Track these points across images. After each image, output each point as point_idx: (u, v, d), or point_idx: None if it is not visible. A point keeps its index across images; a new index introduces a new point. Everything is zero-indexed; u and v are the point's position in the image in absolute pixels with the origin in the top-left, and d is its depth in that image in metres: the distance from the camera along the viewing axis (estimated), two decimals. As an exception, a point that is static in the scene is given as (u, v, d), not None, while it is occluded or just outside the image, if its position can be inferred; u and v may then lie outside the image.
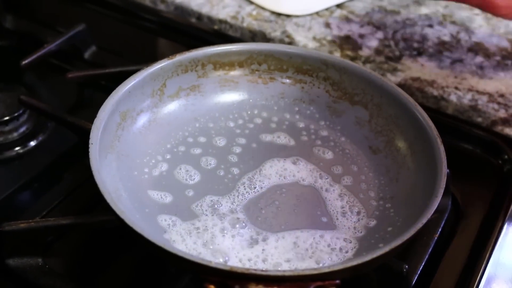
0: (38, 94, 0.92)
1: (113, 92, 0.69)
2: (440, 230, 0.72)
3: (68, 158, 0.80)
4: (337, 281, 0.54)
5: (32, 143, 0.82)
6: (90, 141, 0.63)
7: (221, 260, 0.61)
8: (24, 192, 0.76)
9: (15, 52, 0.94)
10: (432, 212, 0.59)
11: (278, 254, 0.63)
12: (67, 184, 0.76)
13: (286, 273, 0.52)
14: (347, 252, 0.64)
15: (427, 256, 0.69)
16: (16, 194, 0.75)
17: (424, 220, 0.58)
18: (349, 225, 0.67)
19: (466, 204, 0.77)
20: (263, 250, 0.63)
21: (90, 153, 0.62)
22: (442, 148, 0.66)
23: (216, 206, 0.67)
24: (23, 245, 0.65)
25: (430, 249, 0.70)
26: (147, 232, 0.55)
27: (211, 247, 0.63)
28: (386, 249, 0.55)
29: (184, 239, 0.63)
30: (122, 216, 0.56)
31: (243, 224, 0.66)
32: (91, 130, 0.64)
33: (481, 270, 0.68)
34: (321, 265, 0.62)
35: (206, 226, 0.65)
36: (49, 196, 0.74)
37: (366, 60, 0.95)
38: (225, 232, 0.65)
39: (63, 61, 0.95)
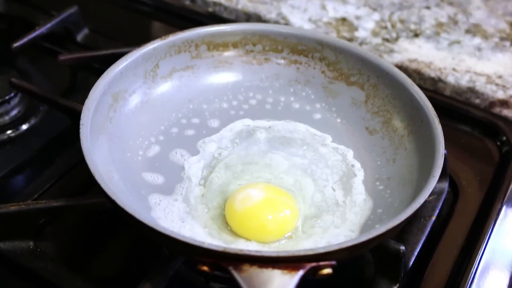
0: (30, 78, 0.91)
1: (105, 73, 0.68)
2: (437, 212, 0.71)
3: (61, 141, 0.79)
4: (333, 262, 0.53)
5: (24, 127, 0.81)
6: (81, 122, 0.62)
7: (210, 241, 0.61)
8: (16, 176, 0.75)
9: (6, 36, 0.93)
10: (430, 192, 0.58)
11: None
12: (59, 167, 0.75)
13: (281, 254, 0.51)
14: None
15: (424, 238, 0.68)
16: (8, 178, 0.74)
17: (421, 201, 0.57)
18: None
19: (464, 186, 0.76)
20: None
21: (81, 134, 0.61)
22: (439, 128, 0.65)
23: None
24: (14, 228, 0.64)
25: (428, 231, 0.69)
26: (139, 213, 0.54)
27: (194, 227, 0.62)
28: (383, 229, 0.54)
29: (166, 216, 0.63)
30: (113, 197, 0.55)
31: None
32: (82, 111, 0.63)
33: (479, 252, 0.67)
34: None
35: (196, 209, 0.64)
36: (41, 179, 0.73)
37: (363, 42, 0.94)
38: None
39: (55, 44, 0.94)
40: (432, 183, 0.59)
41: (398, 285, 0.63)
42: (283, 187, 0.67)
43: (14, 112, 0.81)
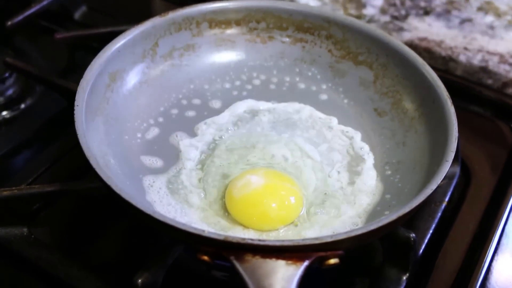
0: (27, 57, 0.88)
1: (101, 52, 0.65)
2: (448, 197, 0.69)
3: (57, 123, 0.77)
4: (340, 252, 0.50)
5: (19, 108, 0.79)
6: (76, 103, 0.59)
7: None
8: (9, 159, 0.73)
9: (1, 14, 0.90)
10: (442, 177, 0.55)
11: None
12: (55, 150, 0.72)
13: (285, 243, 0.48)
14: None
15: (435, 225, 0.66)
16: (2, 161, 0.72)
17: (433, 186, 0.54)
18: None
19: (476, 170, 0.73)
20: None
21: (75, 116, 0.58)
22: (452, 110, 0.62)
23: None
24: (7, 214, 0.62)
25: (438, 217, 0.67)
26: (136, 199, 0.51)
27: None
28: (393, 217, 0.51)
29: (161, 200, 0.61)
30: (109, 182, 0.52)
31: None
32: (77, 91, 0.61)
33: (493, 239, 0.65)
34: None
35: (192, 193, 0.62)
36: (36, 162, 0.71)
37: (371, 20, 0.91)
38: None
39: (52, 22, 0.91)
40: (445, 168, 0.56)
41: (408, 274, 0.61)
42: (287, 172, 0.64)
43: (9, 93, 0.79)
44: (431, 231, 0.66)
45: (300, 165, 0.65)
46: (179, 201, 0.61)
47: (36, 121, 0.77)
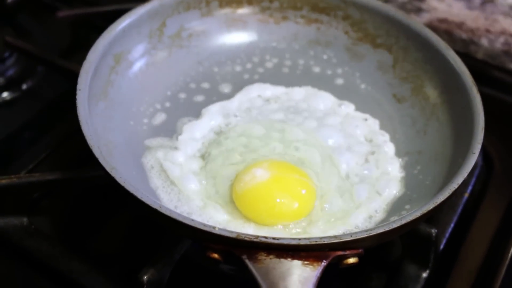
0: (29, 36, 0.86)
1: (105, 32, 0.63)
2: (470, 188, 0.67)
3: (60, 105, 0.75)
4: (360, 251, 0.47)
5: (20, 89, 0.77)
6: (78, 86, 0.57)
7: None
8: (9, 144, 0.71)
9: (1, -10, 0.88)
10: (469, 171, 0.52)
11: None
12: (57, 135, 0.71)
13: (302, 242, 0.45)
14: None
15: (456, 218, 0.64)
16: (0, 146, 0.70)
17: (459, 181, 0.51)
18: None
19: (498, 160, 0.71)
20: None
21: (77, 101, 0.55)
22: (478, 98, 0.59)
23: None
24: (6, 203, 0.60)
25: (460, 210, 0.65)
26: (141, 192, 0.48)
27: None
28: (417, 214, 0.49)
29: (163, 186, 0.58)
30: (113, 173, 0.49)
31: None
32: (79, 74, 0.58)
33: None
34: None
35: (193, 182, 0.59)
36: (37, 148, 0.69)
37: (388, 0, 0.87)
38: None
39: (55, -2, 0.89)
40: (472, 161, 0.53)
41: (428, 270, 0.58)
42: (300, 162, 0.60)
43: (9, 73, 0.78)
44: (452, 225, 0.63)
45: (314, 155, 0.61)
46: (180, 188, 0.58)
47: (37, 103, 0.76)
